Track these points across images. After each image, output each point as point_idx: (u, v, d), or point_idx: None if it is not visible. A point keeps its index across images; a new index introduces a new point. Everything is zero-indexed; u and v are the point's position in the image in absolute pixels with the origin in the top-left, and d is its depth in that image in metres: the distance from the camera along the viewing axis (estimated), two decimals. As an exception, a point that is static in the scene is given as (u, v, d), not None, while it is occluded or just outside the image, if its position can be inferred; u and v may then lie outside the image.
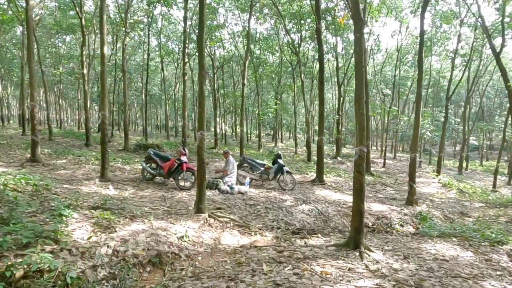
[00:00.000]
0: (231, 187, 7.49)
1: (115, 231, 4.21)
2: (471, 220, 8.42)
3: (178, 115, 35.71)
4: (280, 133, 33.01)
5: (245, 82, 11.20)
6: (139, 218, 4.85)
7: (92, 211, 4.74)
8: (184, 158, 7.31)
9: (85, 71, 14.93)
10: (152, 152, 7.65)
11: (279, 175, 8.33)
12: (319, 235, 5.71)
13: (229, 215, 6.05)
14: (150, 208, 5.64)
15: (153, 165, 7.76)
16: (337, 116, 19.18)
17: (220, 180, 7.58)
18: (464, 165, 20.82)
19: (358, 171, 4.45)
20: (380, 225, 6.81)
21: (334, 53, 19.51)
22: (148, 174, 7.68)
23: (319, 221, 6.52)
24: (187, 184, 7.40)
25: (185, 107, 12.47)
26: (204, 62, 5.66)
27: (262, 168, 8.52)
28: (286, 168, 8.36)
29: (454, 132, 36.83)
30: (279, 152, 8.50)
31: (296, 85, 21.66)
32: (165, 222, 4.93)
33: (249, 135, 34.06)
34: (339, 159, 18.70)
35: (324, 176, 10.27)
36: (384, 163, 18.33)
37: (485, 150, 34.62)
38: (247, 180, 8.04)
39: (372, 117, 34.28)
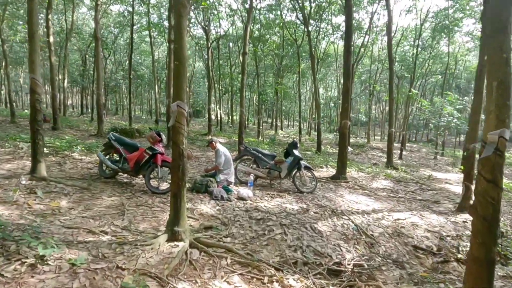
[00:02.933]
0: (227, 190, 5.19)
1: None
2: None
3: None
4: (280, 120, 30.62)
5: (247, 50, 8.80)
6: (52, 261, 2.54)
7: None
8: (159, 148, 4.97)
9: (51, 39, 12.30)
10: (113, 137, 5.27)
11: (294, 172, 6.03)
12: (377, 278, 3.44)
13: (225, 239, 3.76)
14: (91, 230, 3.33)
15: (116, 156, 5.41)
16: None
17: (211, 179, 5.25)
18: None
19: (493, 180, 2.16)
20: (449, 251, 4.58)
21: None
22: (108, 169, 5.32)
23: (362, 246, 4.27)
24: (164, 185, 5.07)
25: (170, 81, 10.03)
26: (184, -19, 3.25)
27: (271, 162, 6.19)
28: (304, 162, 6.05)
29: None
30: (295, 139, 6.16)
31: (300, 66, 19.20)
32: (104, 265, 2.62)
33: (246, 121, 31.61)
34: (350, 149, 16.48)
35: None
36: (401, 154, 16.13)
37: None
38: (250, 178, 5.72)
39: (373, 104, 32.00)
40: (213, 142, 5.91)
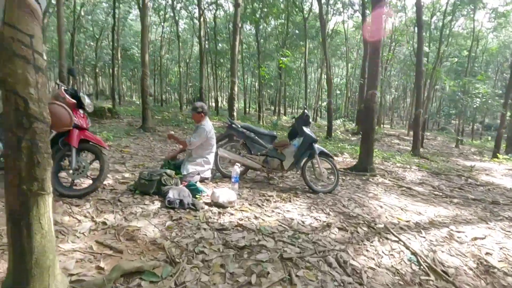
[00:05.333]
0: (195, 189, 3.17)
1: None
2: None
3: (167, 85, 31.00)
4: (283, 105, 28.57)
5: (240, 1, 6.65)
6: None
7: None
8: (76, 118, 2.93)
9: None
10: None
11: (305, 160, 3.96)
12: None
13: (164, 301, 1.74)
14: None
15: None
16: (362, 80, 14.64)
17: (167, 172, 3.20)
18: (502, 146, 16.61)
19: None
20: None
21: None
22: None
23: (435, 299, 2.26)
24: (84, 182, 3.07)
25: (145, 45, 7.90)
26: None
27: (270, 146, 4.15)
28: (319, 147, 3.98)
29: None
30: (306, 110, 4.03)
31: (307, 41, 16.93)
32: None
33: (247, 109, 29.53)
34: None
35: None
36: (422, 141, 14.02)
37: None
38: (236, 171, 3.65)
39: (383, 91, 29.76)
40: (203, 113, 3.84)
